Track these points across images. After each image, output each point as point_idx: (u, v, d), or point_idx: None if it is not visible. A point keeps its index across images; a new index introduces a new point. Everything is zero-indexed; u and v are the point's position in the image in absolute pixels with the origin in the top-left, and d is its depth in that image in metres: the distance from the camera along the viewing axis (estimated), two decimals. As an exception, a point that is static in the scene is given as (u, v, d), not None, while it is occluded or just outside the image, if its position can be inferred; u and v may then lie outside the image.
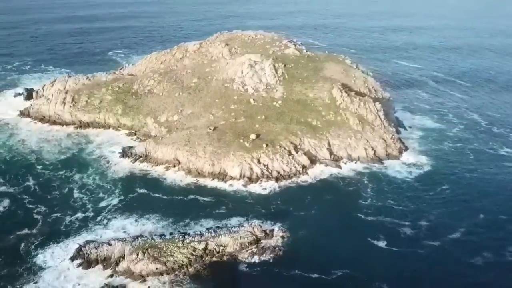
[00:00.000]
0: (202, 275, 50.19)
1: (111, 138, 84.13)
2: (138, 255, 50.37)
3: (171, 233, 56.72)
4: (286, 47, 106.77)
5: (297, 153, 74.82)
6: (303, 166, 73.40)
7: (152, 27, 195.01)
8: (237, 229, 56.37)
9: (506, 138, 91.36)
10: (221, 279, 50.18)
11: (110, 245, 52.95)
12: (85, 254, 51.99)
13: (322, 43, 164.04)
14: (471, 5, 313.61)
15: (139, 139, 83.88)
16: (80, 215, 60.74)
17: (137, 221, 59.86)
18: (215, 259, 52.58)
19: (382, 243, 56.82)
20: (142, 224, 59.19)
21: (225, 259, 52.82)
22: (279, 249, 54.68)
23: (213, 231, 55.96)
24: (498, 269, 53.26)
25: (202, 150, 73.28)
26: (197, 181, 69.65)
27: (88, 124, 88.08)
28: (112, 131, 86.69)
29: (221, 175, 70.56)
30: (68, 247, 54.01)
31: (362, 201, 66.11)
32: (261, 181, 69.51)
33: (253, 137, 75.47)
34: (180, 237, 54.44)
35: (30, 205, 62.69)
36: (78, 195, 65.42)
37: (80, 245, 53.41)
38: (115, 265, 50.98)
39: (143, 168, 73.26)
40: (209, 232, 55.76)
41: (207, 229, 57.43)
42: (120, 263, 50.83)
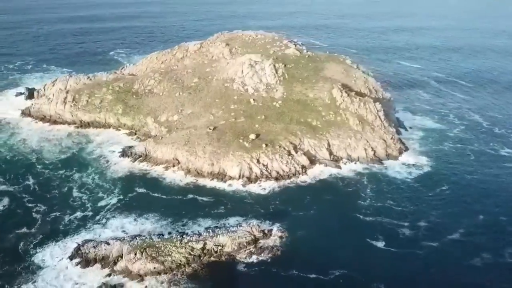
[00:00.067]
0: (199, 275, 50.23)
1: (111, 137, 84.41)
2: (136, 254, 50.45)
3: (169, 233, 56.79)
4: (286, 47, 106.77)
5: (296, 153, 74.73)
6: (303, 166, 73.29)
7: (154, 27, 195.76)
8: (235, 229, 56.34)
9: (508, 138, 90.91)
10: (219, 279, 50.21)
11: (109, 244, 53.09)
12: (83, 253, 52.18)
13: (324, 43, 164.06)
14: (473, 5, 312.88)
15: (139, 138, 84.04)
16: (79, 214, 60.94)
17: (136, 220, 59.98)
18: (213, 258, 52.59)
19: (380, 243, 56.65)
20: (141, 224, 59.31)
21: (223, 259, 52.84)
22: (277, 249, 54.66)
23: (211, 231, 55.99)
24: (497, 270, 52.97)
25: (202, 150, 73.31)
26: (196, 181, 69.73)
27: (88, 124, 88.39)
28: (112, 131, 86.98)
29: (220, 175, 70.57)
30: (66, 246, 54.22)
31: (361, 202, 65.96)
32: (260, 181, 69.46)
33: (253, 137, 75.44)
34: (178, 236, 54.49)
35: (30, 204, 62.95)
36: (78, 194, 65.65)
37: (78, 244, 53.64)
38: (113, 264, 51.07)
39: (142, 167, 73.40)
40: (207, 232, 55.81)
41: (205, 228, 57.51)
42: (118, 263, 50.92)
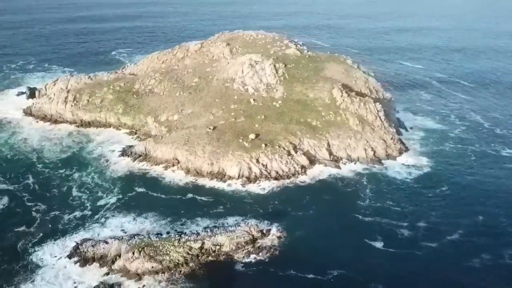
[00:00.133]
0: (197, 274, 50.24)
1: (112, 137, 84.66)
2: (134, 253, 50.51)
3: (167, 232, 56.87)
4: (287, 47, 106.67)
5: (296, 153, 74.64)
6: (302, 166, 73.18)
7: (155, 27, 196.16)
8: (234, 229, 56.34)
9: (509, 139, 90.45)
10: (217, 278, 50.20)
11: (107, 243, 53.22)
12: (82, 252, 52.37)
13: (326, 43, 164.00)
14: (475, 6, 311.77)
15: (139, 138, 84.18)
16: (78, 213, 61.11)
17: (135, 219, 60.06)
18: (211, 258, 52.61)
19: (379, 244, 56.49)
20: (140, 223, 59.40)
21: (221, 258, 52.85)
22: (275, 249, 54.61)
23: (209, 231, 56.02)
24: (496, 271, 52.67)
25: (201, 150, 73.34)
26: (195, 181, 69.77)
27: (89, 123, 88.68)
28: (112, 130, 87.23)
29: (219, 174, 70.57)
30: (65, 245, 54.43)
31: (360, 202, 65.80)
32: (259, 181, 69.42)
33: (252, 137, 75.40)
34: (177, 236, 54.57)
35: (29, 203, 63.17)
36: (77, 193, 65.84)
37: (77, 243, 53.83)
38: (111, 263, 51.17)
39: (142, 167, 73.52)
40: (205, 231, 55.84)
41: (203, 228, 57.55)
42: (116, 261, 51.02)
